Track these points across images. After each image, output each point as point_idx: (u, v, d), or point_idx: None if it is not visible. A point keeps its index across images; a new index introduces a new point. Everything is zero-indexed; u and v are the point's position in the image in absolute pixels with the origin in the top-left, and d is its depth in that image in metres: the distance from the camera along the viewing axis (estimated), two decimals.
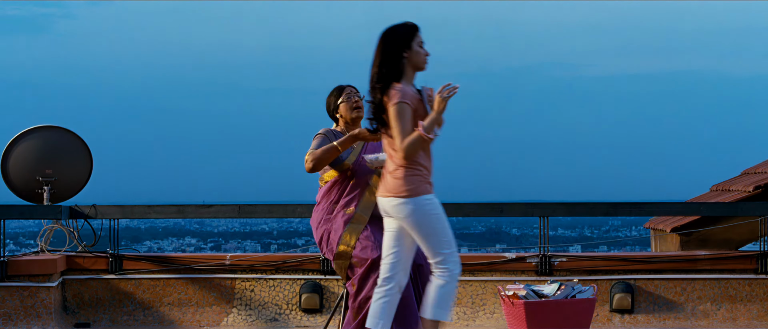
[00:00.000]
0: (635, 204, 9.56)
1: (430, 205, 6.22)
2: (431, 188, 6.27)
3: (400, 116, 6.15)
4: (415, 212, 6.20)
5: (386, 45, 6.22)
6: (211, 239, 51.69)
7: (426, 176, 6.26)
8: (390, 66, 6.21)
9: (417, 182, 6.21)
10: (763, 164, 13.19)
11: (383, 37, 6.24)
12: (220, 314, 9.37)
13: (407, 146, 6.15)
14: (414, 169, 6.22)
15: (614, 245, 33.18)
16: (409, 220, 6.22)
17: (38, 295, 9.08)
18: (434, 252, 6.26)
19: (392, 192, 6.24)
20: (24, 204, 9.62)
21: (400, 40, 6.23)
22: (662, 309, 9.26)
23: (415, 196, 6.20)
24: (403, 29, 6.26)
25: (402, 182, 6.21)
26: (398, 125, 6.15)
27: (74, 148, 9.71)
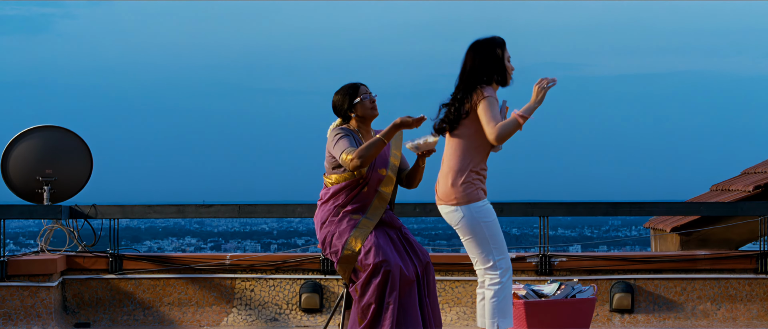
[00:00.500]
0: (635, 204, 9.57)
1: (481, 212, 6.32)
2: (484, 193, 6.37)
3: (490, 106, 6.26)
4: (464, 219, 6.33)
5: (479, 55, 6.39)
6: (211, 239, 51.73)
7: (479, 181, 6.35)
8: (480, 74, 6.36)
9: (469, 189, 6.31)
10: (763, 164, 13.18)
11: (477, 48, 6.41)
12: (220, 314, 9.38)
13: (502, 129, 6.24)
14: (469, 174, 6.32)
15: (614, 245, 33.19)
16: (460, 226, 6.35)
17: (38, 295, 9.09)
18: (484, 258, 6.37)
19: (444, 199, 6.37)
20: (24, 204, 9.62)
21: (494, 51, 6.41)
22: (662, 308, 9.27)
23: (467, 203, 6.31)
24: (498, 42, 6.44)
25: (453, 189, 6.32)
26: (489, 113, 6.25)
27: (74, 148, 9.71)
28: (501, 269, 6.38)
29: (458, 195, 6.29)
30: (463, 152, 6.34)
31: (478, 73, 6.37)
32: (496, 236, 6.36)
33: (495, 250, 6.35)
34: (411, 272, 6.80)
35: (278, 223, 55.03)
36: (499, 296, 6.40)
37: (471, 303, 9.31)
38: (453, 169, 6.31)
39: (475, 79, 6.35)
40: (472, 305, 9.31)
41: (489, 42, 6.44)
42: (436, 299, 6.95)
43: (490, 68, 6.39)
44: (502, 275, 6.38)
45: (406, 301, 6.78)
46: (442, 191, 6.35)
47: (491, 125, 6.24)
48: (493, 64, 6.39)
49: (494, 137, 6.24)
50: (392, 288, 6.70)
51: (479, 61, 6.38)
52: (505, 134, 6.26)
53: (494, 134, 6.23)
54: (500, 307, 6.40)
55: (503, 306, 6.40)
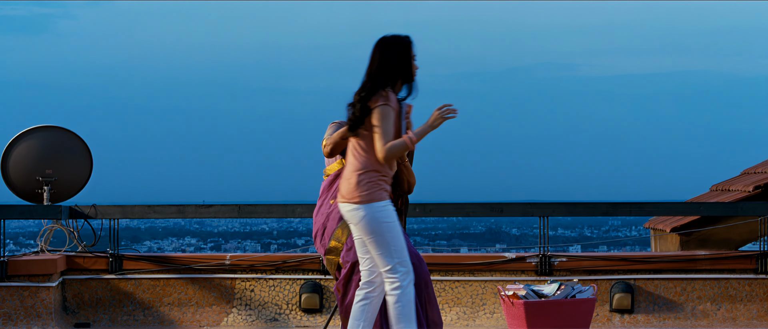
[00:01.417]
0: (635, 204, 9.57)
1: (382, 212, 6.26)
2: (387, 194, 6.31)
3: (384, 118, 6.20)
4: (365, 218, 6.25)
5: (386, 53, 6.31)
6: (211, 239, 51.69)
7: (383, 182, 6.30)
8: (386, 73, 6.29)
9: (373, 188, 6.25)
10: (763, 164, 13.18)
11: (383, 45, 6.33)
12: (220, 314, 9.37)
13: (390, 149, 6.21)
14: (371, 174, 6.27)
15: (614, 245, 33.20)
16: (360, 226, 6.28)
17: (38, 295, 9.09)
18: (383, 260, 6.29)
19: (346, 197, 6.31)
20: (24, 204, 9.62)
21: (402, 51, 6.33)
22: (662, 308, 9.27)
23: (369, 202, 6.24)
24: (404, 41, 6.36)
25: (357, 188, 6.26)
26: (382, 127, 6.20)
27: (74, 148, 9.71)
28: (401, 272, 6.28)
29: (360, 194, 6.25)
30: (366, 152, 6.29)
31: (384, 73, 6.29)
32: (398, 238, 6.29)
33: (395, 252, 6.27)
34: None
35: (278, 223, 55.01)
36: (402, 300, 6.29)
37: (471, 303, 9.31)
38: (356, 168, 6.28)
39: (380, 80, 6.28)
40: (472, 305, 9.31)
41: (397, 41, 6.36)
42: (433, 297, 6.91)
43: (396, 68, 6.32)
44: (402, 278, 6.28)
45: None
46: (344, 190, 6.32)
47: (381, 141, 6.21)
48: (401, 64, 6.32)
49: (382, 155, 6.21)
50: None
51: (386, 61, 6.31)
52: (393, 154, 6.23)
53: (382, 153, 6.21)
54: (404, 312, 6.29)
55: (407, 310, 6.29)
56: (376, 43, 6.35)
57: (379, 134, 6.21)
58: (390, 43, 6.34)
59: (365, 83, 6.30)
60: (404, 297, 6.28)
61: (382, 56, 6.31)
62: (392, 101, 6.25)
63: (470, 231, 53.72)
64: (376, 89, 6.25)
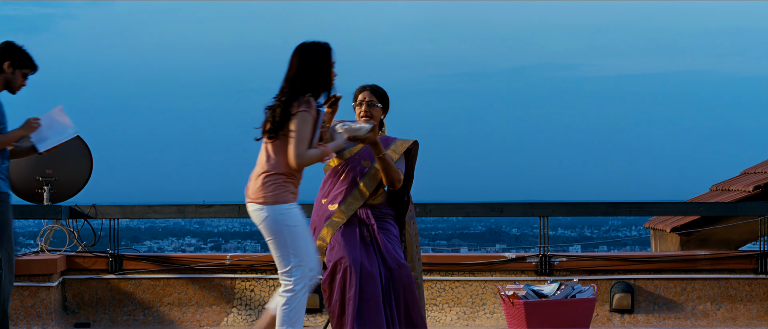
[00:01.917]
0: (635, 204, 9.57)
1: (285, 215, 6.30)
2: (294, 197, 6.36)
3: (303, 124, 6.25)
4: (267, 219, 6.30)
5: (308, 60, 6.36)
6: (211, 239, 51.69)
7: (290, 185, 6.33)
8: (306, 80, 6.33)
9: (277, 190, 6.30)
10: (763, 164, 13.19)
11: (303, 52, 6.37)
12: (220, 314, 9.38)
13: (305, 156, 6.26)
14: (279, 176, 6.31)
15: (614, 245, 33.20)
16: (262, 226, 6.33)
17: (38, 295, 9.09)
18: (281, 262, 6.34)
19: (252, 197, 6.36)
20: (24, 204, 9.62)
21: (324, 59, 6.39)
22: (662, 308, 9.27)
23: (273, 204, 6.29)
24: (324, 48, 6.41)
25: (263, 189, 6.30)
26: (299, 132, 6.24)
27: (74, 148, 9.71)
28: (296, 276, 6.32)
29: (265, 195, 6.30)
30: (276, 155, 6.32)
31: (304, 79, 6.33)
32: (299, 242, 6.32)
33: (293, 256, 6.32)
34: (374, 267, 6.81)
35: None
36: (291, 304, 6.33)
37: (471, 303, 9.31)
38: (265, 170, 6.32)
39: (300, 86, 6.32)
40: (472, 305, 9.31)
41: (317, 47, 6.41)
42: (416, 299, 6.89)
43: (316, 75, 6.36)
44: (296, 283, 6.32)
45: (369, 296, 6.78)
46: (251, 190, 6.37)
47: (296, 148, 6.24)
48: (320, 71, 6.37)
49: (295, 162, 6.25)
50: (351, 284, 6.74)
51: (306, 67, 6.35)
52: (306, 162, 6.28)
53: (297, 159, 6.24)
54: (290, 316, 6.33)
55: (293, 315, 6.33)
56: (296, 49, 6.39)
57: (295, 140, 6.25)
58: (310, 50, 6.39)
59: (284, 88, 6.34)
60: (294, 302, 6.33)
61: (301, 62, 6.35)
62: (312, 108, 6.29)
63: (470, 231, 53.74)
64: (296, 94, 6.29)
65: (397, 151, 6.99)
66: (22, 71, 7.62)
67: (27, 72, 7.64)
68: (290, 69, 6.36)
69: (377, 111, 7.04)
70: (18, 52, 7.60)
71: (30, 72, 7.67)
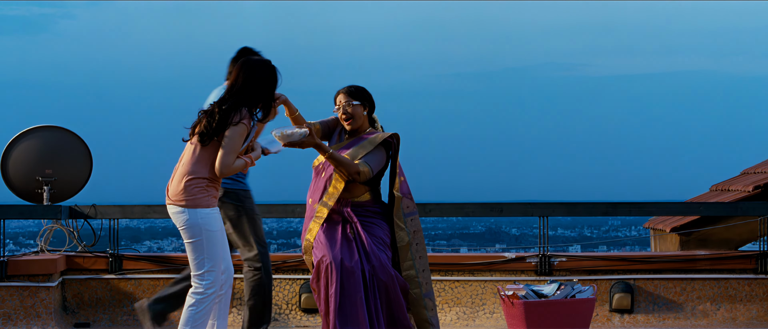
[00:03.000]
0: (635, 204, 9.57)
1: (205, 219, 6.37)
2: (216, 201, 6.44)
3: (237, 135, 6.34)
4: (188, 222, 6.37)
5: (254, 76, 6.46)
6: None
7: (212, 189, 6.41)
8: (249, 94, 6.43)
9: (199, 194, 6.37)
10: (762, 164, 13.20)
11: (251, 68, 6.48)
12: None
13: (231, 167, 6.34)
14: (203, 180, 6.38)
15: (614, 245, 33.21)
16: (182, 229, 6.40)
17: (38, 295, 9.09)
18: (195, 264, 6.43)
19: (172, 200, 6.42)
20: (24, 204, 9.62)
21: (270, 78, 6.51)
22: (662, 308, 9.27)
23: (194, 208, 6.37)
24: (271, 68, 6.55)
25: (184, 192, 6.37)
26: (232, 143, 6.33)
27: (74, 148, 9.71)
28: (208, 281, 6.41)
29: (187, 198, 6.37)
30: (205, 161, 6.40)
31: (247, 93, 6.44)
32: (215, 247, 6.41)
33: (207, 260, 6.41)
34: (355, 263, 6.83)
35: (278, 223, 55.01)
36: (199, 306, 6.42)
37: (471, 303, 9.31)
38: (188, 172, 6.39)
39: (242, 98, 6.42)
40: (472, 305, 9.31)
41: (264, 66, 6.53)
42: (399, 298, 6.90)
43: (260, 91, 6.47)
44: (207, 287, 6.42)
45: (350, 292, 6.81)
46: (172, 192, 6.43)
47: (227, 156, 6.32)
48: (264, 88, 6.48)
49: (222, 171, 6.33)
50: (332, 281, 6.80)
51: (251, 82, 6.45)
52: (230, 171, 6.36)
53: (223, 168, 6.32)
54: (195, 318, 6.42)
55: (198, 317, 6.42)
56: (241, 63, 6.50)
57: (225, 150, 6.33)
58: (257, 67, 6.49)
59: (226, 97, 6.42)
60: (203, 304, 6.42)
61: (247, 78, 6.44)
62: (247, 121, 6.38)
63: (470, 231, 53.78)
64: (238, 105, 6.38)
65: (374, 142, 7.01)
66: None
67: None
68: (235, 81, 6.47)
69: (357, 109, 7.09)
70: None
71: None
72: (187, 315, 6.42)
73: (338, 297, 6.79)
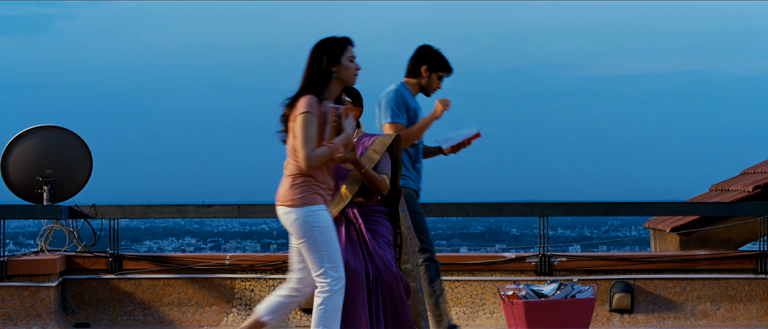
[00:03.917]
0: (635, 204, 9.57)
1: (314, 217, 6.26)
2: (322, 199, 6.31)
3: (305, 125, 6.18)
4: (296, 221, 6.26)
5: (315, 58, 6.29)
6: (211, 239, 51.69)
7: (317, 186, 6.29)
8: (314, 79, 6.27)
9: (306, 192, 6.26)
10: (762, 164, 13.19)
11: (314, 49, 6.30)
12: (220, 314, 9.38)
13: (313, 158, 6.20)
14: (305, 178, 6.26)
15: (614, 245, 33.20)
16: (292, 229, 6.29)
17: (38, 295, 9.09)
18: (315, 264, 6.30)
19: (281, 201, 6.32)
20: (24, 204, 9.62)
21: (330, 54, 6.29)
22: (662, 308, 9.27)
23: (301, 206, 6.25)
24: (334, 43, 6.32)
25: (290, 191, 6.26)
26: (302, 134, 6.18)
27: (74, 148, 9.71)
28: (331, 277, 6.29)
29: (293, 197, 6.26)
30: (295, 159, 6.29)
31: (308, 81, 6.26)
32: (328, 243, 6.29)
33: (325, 258, 6.29)
34: (359, 266, 6.82)
35: (278, 223, 54.61)
36: (327, 304, 6.31)
37: (471, 303, 9.31)
38: (291, 172, 6.28)
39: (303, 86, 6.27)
40: (472, 305, 9.31)
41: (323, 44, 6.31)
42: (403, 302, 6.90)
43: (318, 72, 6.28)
44: (332, 283, 6.30)
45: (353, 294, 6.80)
46: (279, 193, 6.33)
47: (303, 149, 6.19)
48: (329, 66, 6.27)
49: (306, 164, 6.19)
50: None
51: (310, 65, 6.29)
52: (315, 164, 6.22)
53: (306, 162, 6.19)
54: (326, 316, 6.30)
55: (329, 316, 6.31)
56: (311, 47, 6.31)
57: (300, 143, 6.19)
58: (322, 47, 6.31)
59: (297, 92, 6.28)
60: (330, 302, 6.31)
61: (313, 62, 6.28)
62: (313, 107, 6.21)
63: (470, 231, 53.72)
64: (298, 95, 6.26)
65: (378, 151, 6.99)
66: (438, 74, 7.64)
67: (442, 75, 7.66)
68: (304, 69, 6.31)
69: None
70: (434, 55, 7.62)
71: (445, 75, 7.68)
72: (318, 316, 6.28)
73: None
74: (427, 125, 7.64)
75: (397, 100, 7.62)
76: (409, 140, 7.61)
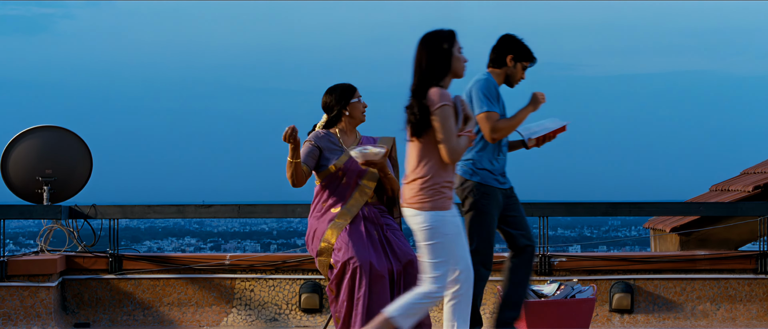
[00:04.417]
0: (635, 204, 9.57)
1: (442, 222, 6.13)
2: (450, 203, 6.18)
3: (446, 119, 6.04)
4: (424, 225, 6.11)
5: (430, 50, 6.13)
6: (211, 239, 51.74)
7: (446, 188, 6.15)
8: (433, 71, 6.12)
9: (436, 196, 6.12)
10: (762, 164, 13.20)
11: (426, 42, 6.15)
12: (220, 314, 9.38)
13: (458, 149, 6.07)
14: (435, 180, 6.12)
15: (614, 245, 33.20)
16: (419, 231, 6.15)
17: (38, 295, 9.09)
18: (431, 267, 6.17)
19: (408, 202, 6.16)
20: (24, 204, 9.62)
21: (445, 45, 6.14)
22: (662, 309, 9.27)
23: (431, 210, 6.11)
24: (446, 35, 6.17)
25: (421, 194, 6.12)
26: (445, 128, 6.03)
27: (74, 148, 9.71)
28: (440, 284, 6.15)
29: (423, 200, 6.11)
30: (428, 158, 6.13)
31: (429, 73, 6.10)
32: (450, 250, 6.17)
33: (442, 264, 6.15)
34: (383, 267, 6.83)
35: (278, 223, 55.02)
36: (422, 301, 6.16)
37: None
38: (420, 175, 6.13)
39: (428, 80, 6.10)
40: None
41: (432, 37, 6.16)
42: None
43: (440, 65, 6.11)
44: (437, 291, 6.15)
45: (378, 297, 6.79)
46: (407, 194, 6.17)
47: (448, 143, 6.06)
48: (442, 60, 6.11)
49: (452, 158, 6.07)
50: (361, 284, 6.75)
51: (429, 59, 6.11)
52: (461, 153, 6.11)
53: (452, 155, 6.06)
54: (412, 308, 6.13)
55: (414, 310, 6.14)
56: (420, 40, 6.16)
57: (444, 137, 6.05)
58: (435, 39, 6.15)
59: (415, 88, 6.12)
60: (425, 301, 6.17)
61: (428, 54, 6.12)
62: (449, 99, 6.08)
63: None
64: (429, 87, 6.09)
65: (383, 152, 7.05)
66: (522, 64, 7.52)
67: (527, 65, 7.54)
68: (416, 63, 6.14)
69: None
70: (519, 45, 7.48)
71: (529, 65, 7.55)
72: (407, 302, 6.13)
73: (367, 300, 6.77)
74: (524, 116, 7.46)
75: (489, 88, 7.39)
76: (507, 131, 7.37)
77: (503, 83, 7.55)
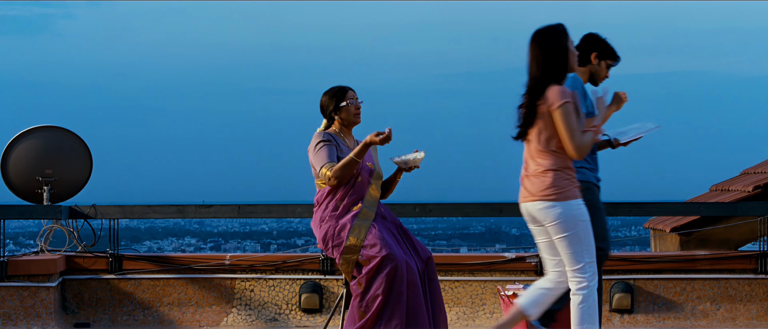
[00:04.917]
0: (635, 204, 9.56)
1: (579, 210, 6.12)
2: (579, 192, 6.17)
3: (569, 116, 6.02)
4: (562, 215, 6.10)
5: (547, 47, 6.11)
6: (211, 239, 51.69)
7: (573, 179, 6.15)
8: (551, 69, 6.10)
9: (567, 186, 6.10)
10: (762, 164, 13.19)
11: (542, 39, 6.13)
12: (220, 314, 9.38)
13: (584, 145, 6.06)
14: (563, 171, 6.12)
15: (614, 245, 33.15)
16: (555, 224, 6.12)
17: (38, 295, 9.09)
18: (574, 259, 6.14)
19: (538, 195, 6.13)
20: (24, 204, 9.62)
21: (562, 41, 6.13)
22: (662, 308, 9.27)
23: (565, 200, 6.09)
24: (561, 30, 6.15)
25: (552, 185, 6.10)
26: (569, 125, 6.02)
27: (74, 148, 9.71)
28: (590, 272, 6.14)
29: (557, 191, 6.08)
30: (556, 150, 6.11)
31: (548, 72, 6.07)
32: (589, 237, 6.14)
33: (586, 252, 6.13)
34: (412, 261, 6.89)
35: (278, 223, 54.99)
36: (587, 300, 6.15)
37: (471, 304, 9.31)
38: (549, 166, 6.10)
39: (546, 79, 6.07)
40: (472, 305, 9.31)
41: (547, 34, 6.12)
42: (440, 296, 7.00)
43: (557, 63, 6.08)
44: (590, 278, 6.14)
45: (413, 300, 6.83)
46: (537, 188, 6.13)
47: (573, 139, 6.03)
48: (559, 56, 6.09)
49: (579, 153, 6.04)
50: (401, 280, 6.77)
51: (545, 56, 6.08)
52: (587, 148, 6.08)
53: (578, 151, 6.04)
54: (588, 313, 6.14)
55: (591, 311, 6.15)
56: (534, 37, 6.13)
57: (568, 133, 6.03)
58: (552, 35, 6.13)
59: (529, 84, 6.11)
60: (590, 297, 6.16)
61: (545, 51, 6.09)
62: (569, 95, 6.05)
63: (470, 231, 53.70)
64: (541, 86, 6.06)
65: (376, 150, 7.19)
66: (607, 62, 7.49)
67: (611, 63, 7.50)
68: (532, 61, 6.11)
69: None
70: (603, 43, 7.45)
71: (613, 63, 7.53)
72: (579, 314, 6.14)
73: (406, 296, 6.82)
74: (609, 115, 7.45)
75: (576, 88, 7.24)
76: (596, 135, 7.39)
77: (588, 81, 7.54)
